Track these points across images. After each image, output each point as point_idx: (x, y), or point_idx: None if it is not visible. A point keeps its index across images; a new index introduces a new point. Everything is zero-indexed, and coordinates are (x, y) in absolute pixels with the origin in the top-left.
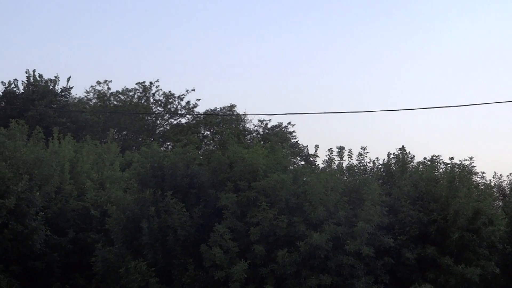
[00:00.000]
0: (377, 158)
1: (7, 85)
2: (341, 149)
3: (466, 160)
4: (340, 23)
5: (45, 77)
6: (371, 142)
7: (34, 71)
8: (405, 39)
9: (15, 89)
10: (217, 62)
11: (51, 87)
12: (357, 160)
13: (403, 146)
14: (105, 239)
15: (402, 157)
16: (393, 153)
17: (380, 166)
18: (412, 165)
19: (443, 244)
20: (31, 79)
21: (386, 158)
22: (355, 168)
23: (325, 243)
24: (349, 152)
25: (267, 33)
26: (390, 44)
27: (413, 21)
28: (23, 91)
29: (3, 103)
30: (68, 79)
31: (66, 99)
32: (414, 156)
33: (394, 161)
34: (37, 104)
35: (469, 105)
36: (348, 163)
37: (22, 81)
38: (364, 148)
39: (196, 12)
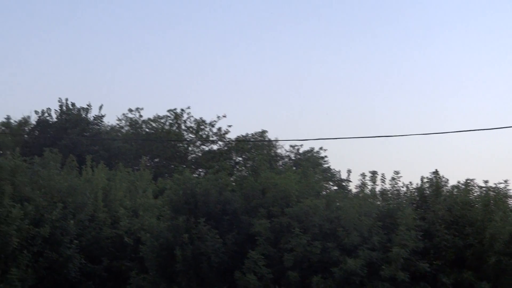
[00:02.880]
0: (411, 182)
1: (40, 114)
2: (373, 173)
3: (501, 183)
4: (374, 48)
5: (78, 105)
6: (404, 166)
7: (66, 99)
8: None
9: (48, 118)
10: (248, 88)
11: (83, 115)
12: (390, 184)
13: (436, 169)
14: (139, 267)
15: (435, 181)
16: (427, 177)
17: (413, 190)
18: (446, 189)
19: (480, 268)
20: (64, 107)
21: (419, 182)
22: (389, 192)
23: (360, 269)
24: (382, 176)
25: (298, 59)
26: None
27: (439, 45)
28: (56, 120)
29: (37, 132)
30: (100, 107)
31: (98, 127)
32: (448, 180)
33: (427, 185)
34: (70, 133)
35: (503, 128)
36: (381, 188)
37: (55, 109)
38: (397, 173)
39: (226, 40)
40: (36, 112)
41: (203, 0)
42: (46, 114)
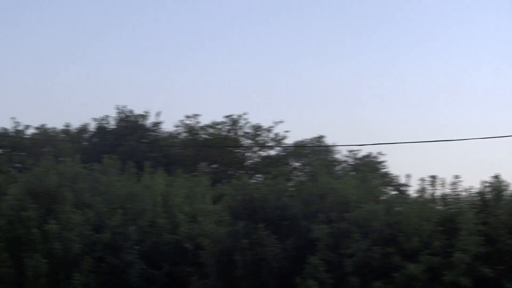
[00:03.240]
0: (471, 187)
1: (99, 121)
2: (433, 178)
3: None
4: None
5: (136, 112)
6: (464, 171)
7: (124, 106)
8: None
9: (106, 125)
10: (305, 93)
11: (141, 122)
12: (450, 189)
13: (497, 174)
14: (200, 272)
15: (497, 185)
16: (488, 181)
17: (474, 194)
18: (508, 193)
19: None
20: (122, 114)
21: (480, 187)
22: (449, 197)
23: (421, 274)
24: (441, 181)
25: (356, 63)
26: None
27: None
28: (114, 127)
29: (96, 139)
30: (158, 114)
31: (156, 133)
32: (509, 184)
33: (489, 189)
34: (128, 139)
35: None
36: (441, 192)
37: (113, 117)
38: (457, 177)
39: (284, 45)
40: (95, 119)
41: (260, 4)
42: (104, 121)
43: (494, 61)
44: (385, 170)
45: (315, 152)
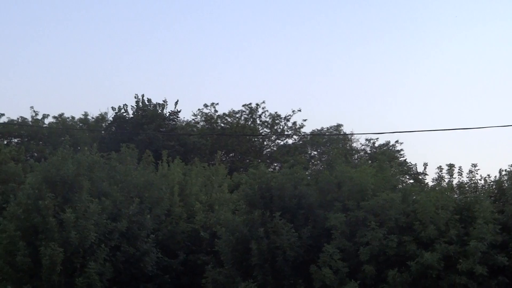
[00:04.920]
0: (488, 175)
1: (117, 110)
2: (450, 166)
3: None
4: (448, 40)
5: (154, 101)
6: (482, 159)
7: (143, 95)
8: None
9: (125, 114)
10: (323, 81)
11: (159, 111)
12: (467, 177)
13: None
14: (215, 261)
15: None
16: (505, 170)
17: (491, 183)
18: None
19: None
20: (140, 103)
21: (497, 175)
22: (466, 185)
23: (436, 262)
24: (459, 169)
25: (372, 52)
26: (500, 59)
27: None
28: (132, 116)
29: (114, 128)
30: (176, 103)
31: (174, 122)
32: None
33: (506, 178)
34: (146, 128)
35: None
36: (459, 181)
37: (131, 106)
38: (474, 165)
39: (301, 34)
40: (113, 108)
41: None
42: (122, 110)
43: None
44: (402, 158)
45: (332, 140)
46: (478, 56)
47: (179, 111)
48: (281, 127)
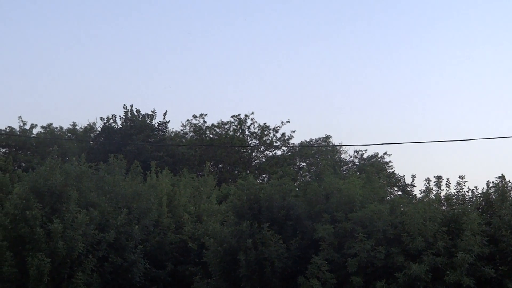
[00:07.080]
0: (476, 187)
1: (105, 121)
2: (438, 178)
3: None
4: (436, 50)
5: (142, 112)
6: (469, 171)
7: (131, 106)
8: (505, 66)
9: (113, 124)
10: (312, 94)
11: (148, 121)
12: (455, 189)
13: (502, 174)
14: (203, 272)
15: (502, 186)
16: (493, 182)
17: (479, 195)
18: None
19: None
20: (129, 114)
21: (485, 187)
22: (454, 197)
23: (424, 274)
24: (446, 181)
25: (361, 64)
26: (489, 71)
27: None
28: (121, 126)
29: (102, 138)
30: (165, 114)
31: (163, 133)
32: None
33: (493, 190)
34: (134, 139)
35: None
36: (446, 193)
37: (120, 116)
38: (462, 177)
39: (289, 46)
40: (102, 118)
41: (266, 3)
42: (111, 121)
43: (499, 62)
44: (391, 170)
45: (321, 152)
46: (466, 69)
47: (168, 122)
48: (270, 138)
